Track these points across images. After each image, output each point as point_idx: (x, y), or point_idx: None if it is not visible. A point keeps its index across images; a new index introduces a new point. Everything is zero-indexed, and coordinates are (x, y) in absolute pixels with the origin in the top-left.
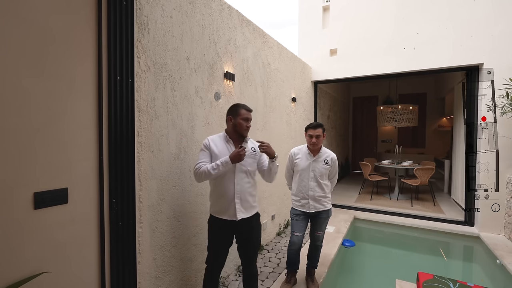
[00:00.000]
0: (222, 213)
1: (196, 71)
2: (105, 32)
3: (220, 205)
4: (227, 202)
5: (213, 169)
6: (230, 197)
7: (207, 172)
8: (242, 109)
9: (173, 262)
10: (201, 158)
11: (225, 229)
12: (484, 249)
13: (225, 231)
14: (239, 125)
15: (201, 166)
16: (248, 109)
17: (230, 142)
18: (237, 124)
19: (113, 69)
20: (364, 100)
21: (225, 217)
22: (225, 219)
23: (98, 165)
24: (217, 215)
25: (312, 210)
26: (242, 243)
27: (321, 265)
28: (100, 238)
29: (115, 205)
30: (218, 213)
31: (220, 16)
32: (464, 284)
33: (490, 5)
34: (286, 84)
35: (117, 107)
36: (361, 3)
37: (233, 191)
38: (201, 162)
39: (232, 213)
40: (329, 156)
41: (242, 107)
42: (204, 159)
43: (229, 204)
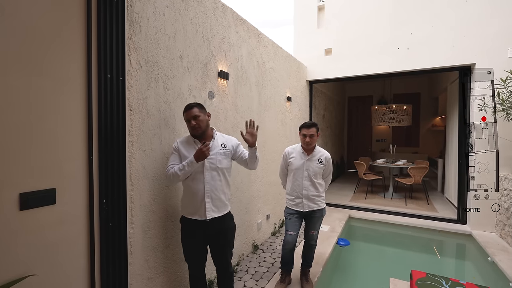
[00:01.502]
0: (193, 214)
1: (190, 70)
2: (94, 29)
3: (191, 206)
4: (198, 202)
5: (180, 170)
6: (200, 197)
7: (175, 173)
8: (185, 112)
9: (166, 263)
10: (170, 161)
11: (197, 230)
12: (476, 247)
13: (196, 231)
14: (188, 129)
15: (170, 168)
16: (190, 108)
17: (196, 142)
18: (187, 127)
19: (103, 67)
20: (359, 100)
21: (196, 217)
22: (196, 219)
23: (87, 165)
24: (188, 215)
25: (306, 209)
26: (214, 245)
27: (316, 264)
28: (90, 239)
29: (105, 205)
30: (189, 213)
31: (214, 14)
32: (456, 281)
33: (482, 6)
34: (281, 84)
35: (107, 105)
36: (355, 3)
37: (202, 190)
38: (170, 164)
39: (202, 212)
40: (323, 155)
41: (185, 108)
42: (173, 162)
43: (199, 204)
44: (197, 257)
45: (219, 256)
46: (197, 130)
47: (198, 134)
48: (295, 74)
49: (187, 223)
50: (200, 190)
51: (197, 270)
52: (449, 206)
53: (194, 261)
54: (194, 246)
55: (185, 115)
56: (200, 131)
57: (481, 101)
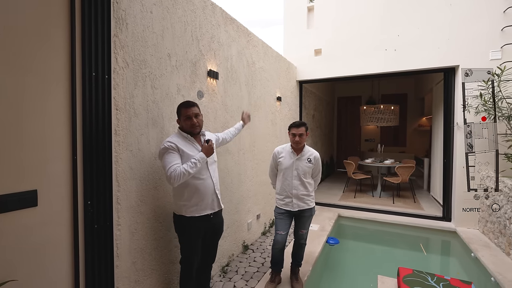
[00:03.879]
0: (204, 209)
1: (178, 69)
2: (78, 26)
3: (201, 203)
4: (209, 197)
5: (191, 167)
6: (211, 191)
7: (185, 172)
8: (182, 108)
9: (154, 265)
10: (173, 160)
11: (202, 226)
12: (460, 243)
13: (202, 228)
14: (186, 125)
15: (177, 168)
16: (189, 105)
17: (192, 140)
18: (184, 125)
19: (88, 65)
20: (348, 100)
21: (207, 212)
22: (203, 214)
23: (71, 165)
24: (196, 213)
25: (296, 208)
26: (210, 241)
27: (306, 263)
28: (74, 242)
29: (90, 207)
30: (198, 211)
31: (203, 13)
32: (441, 277)
33: (465, 10)
34: (271, 83)
35: (92, 104)
36: (344, 5)
37: (212, 184)
38: (174, 164)
39: (215, 205)
40: (312, 155)
41: (182, 106)
42: (176, 161)
43: (211, 198)
44: (197, 256)
45: (211, 250)
46: (197, 128)
47: (196, 132)
48: (285, 74)
49: (193, 222)
50: (210, 185)
51: (193, 270)
52: (435, 204)
53: (194, 260)
54: (197, 245)
55: (185, 112)
56: (199, 130)
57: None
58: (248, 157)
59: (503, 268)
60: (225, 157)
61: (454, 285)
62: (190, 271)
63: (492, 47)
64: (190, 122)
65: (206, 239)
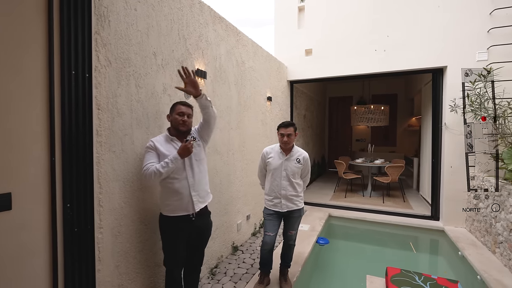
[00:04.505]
0: (178, 210)
1: (164, 68)
2: (57, 23)
3: (176, 203)
4: (184, 198)
5: (162, 167)
6: (186, 193)
7: (156, 171)
8: (178, 104)
9: (139, 268)
10: (148, 159)
11: (182, 227)
12: (448, 242)
13: (182, 228)
14: (174, 120)
15: (150, 167)
16: (185, 104)
17: (174, 140)
18: (173, 119)
19: (67, 63)
20: (340, 100)
21: (182, 213)
22: (181, 215)
23: (49, 167)
24: (172, 213)
25: (285, 209)
26: (195, 243)
27: (295, 264)
28: (52, 246)
29: (69, 210)
30: (173, 211)
31: (191, 11)
32: (428, 276)
33: (452, 12)
34: (261, 83)
35: (72, 104)
36: (335, 5)
37: (187, 186)
38: (148, 163)
39: (190, 207)
40: (301, 155)
41: (179, 102)
42: (151, 160)
43: (186, 200)
44: (180, 258)
45: (197, 253)
46: (184, 127)
47: (182, 131)
48: (276, 74)
49: (170, 222)
50: (185, 187)
51: (178, 273)
52: (424, 203)
53: (177, 262)
54: (178, 246)
55: (180, 108)
56: (185, 129)
57: (452, 102)
58: (238, 157)
59: (489, 266)
60: (213, 158)
61: (441, 284)
62: (173, 273)
63: (479, 49)
64: (181, 118)
65: (190, 241)
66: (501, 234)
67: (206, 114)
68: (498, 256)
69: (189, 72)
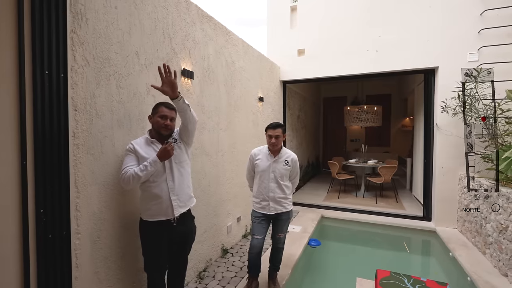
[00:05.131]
0: (158, 215)
1: (148, 68)
2: (27, 20)
3: (155, 208)
4: (163, 202)
5: (141, 170)
6: (165, 197)
7: (135, 175)
8: (161, 106)
9: (120, 274)
10: (127, 162)
11: (162, 231)
12: (439, 243)
13: (162, 233)
14: (156, 123)
15: (128, 170)
16: (169, 106)
17: (154, 143)
18: (154, 122)
19: (39, 62)
20: (334, 101)
21: (161, 218)
22: (161, 220)
23: (19, 171)
24: (151, 218)
25: (273, 212)
26: (177, 248)
27: (285, 267)
28: (24, 255)
29: (43, 215)
30: (153, 215)
31: (176, 9)
32: (417, 279)
33: (444, 13)
34: (253, 83)
35: (45, 105)
36: (327, 5)
37: (167, 190)
38: (127, 166)
39: (170, 211)
40: (290, 157)
41: (163, 104)
42: (130, 163)
43: (166, 204)
44: (162, 263)
45: (179, 259)
46: (167, 130)
47: (165, 134)
48: (268, 74)
49: (150, 226)
50: (165, 191)
51: (160, 279)
52: (416, 203)
53: (159, 268)
54: (159, 251)
55: (163, 110)
56: (168, 133)
57: (443, 103)
58: (227, 158)
59: (478, 268)
60: (201, 159)
61: (430, 287)
62: (154, 278)
63: (470, 49)
64: (163, 121)
65: (173, 246)
66: (491, 235)
67: (184, 117)
68: (488, 257)
69: (169, 72)
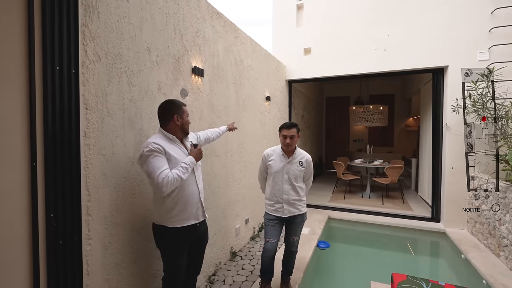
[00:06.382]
0: (187, 220)
1: (159, 64)
2: (38, 12)
3: (184, 213)
4: (194, 205)
5: (183, 173)
6: (196, 199)
7: (178, 178)
8: (183, 106)
9: (132, 281)
10: (162, 165)
11: (189, 237)
12: (450, 244)
13: (188, 239)
14: (186, 123)
15: (168, 174)
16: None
17: (177, 142)
18: (185, 122)
19: (50, 57)
20: (337, 100)
21: (191, 222)
22: (188, 225)
23: (29, 174)
24: (180, 224)
25: (287, 214)
26: (195, 249)
27: (297, 270)
28: (34, 262)
29: (53, 220)
30: (181, 221)
31: (187, 5)
32: (436, 283)
33: (454, 11)
34: (260, 82)
35: (55, 103)
36: (333, 3)
37: (197, 192)
38: (165, 169)
39: (200, 214)
40: (304, 158)
41: (182, 103)
42: (165, 166)
43: (196, 206)
44: (182, 271)
45: (195, 262)
46: (187, 129)
47: (186, 133)
48: (274, 73)
49: (178, 233)
50: (195, 192)
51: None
52: (423, 204)
53: (179, 276)
54: (183, 258)
55: (185, 111)
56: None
57: (455, 102)
58: (236, 159)
59: (494, 271)
60: (211, 160)
61: None
62: (175, 282)
63: (480, 48)
64: (184, 121)
65: (190, 250)
66: (506, 237)
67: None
68: (503, 259)
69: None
